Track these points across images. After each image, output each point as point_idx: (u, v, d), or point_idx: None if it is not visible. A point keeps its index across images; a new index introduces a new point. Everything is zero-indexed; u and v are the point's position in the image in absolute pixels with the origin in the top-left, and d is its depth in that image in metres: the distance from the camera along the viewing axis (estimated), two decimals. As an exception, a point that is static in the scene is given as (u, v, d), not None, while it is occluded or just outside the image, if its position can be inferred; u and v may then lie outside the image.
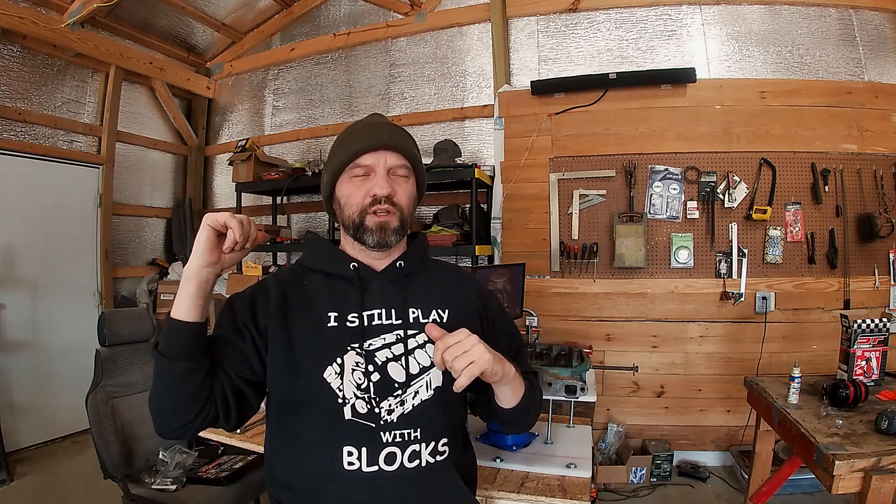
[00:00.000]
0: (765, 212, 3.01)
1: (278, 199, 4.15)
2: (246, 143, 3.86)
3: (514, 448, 1.66)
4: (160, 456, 2.03)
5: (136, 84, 4.28)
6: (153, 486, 1.93)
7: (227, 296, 3.85)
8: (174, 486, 1.93)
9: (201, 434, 1.62)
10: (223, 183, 4.72)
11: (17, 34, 3.29)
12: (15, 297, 3.35)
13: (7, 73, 3.39)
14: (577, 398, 1.62)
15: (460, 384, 0.87)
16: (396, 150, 0.99)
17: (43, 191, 3.54)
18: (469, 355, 0.86)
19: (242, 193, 3.87)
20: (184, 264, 4.41)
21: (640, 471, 2.97)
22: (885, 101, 3.10)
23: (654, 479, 2.98)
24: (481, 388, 1.10)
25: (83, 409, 2.00)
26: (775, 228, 3.06)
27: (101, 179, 3.91)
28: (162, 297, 4.09)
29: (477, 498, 1.43)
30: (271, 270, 3.65)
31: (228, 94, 4.74)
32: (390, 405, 0.94)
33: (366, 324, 0.98)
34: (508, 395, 1.01)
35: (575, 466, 1.53)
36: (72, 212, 3.74)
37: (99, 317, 2.17)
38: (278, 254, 4.12)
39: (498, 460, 1.59)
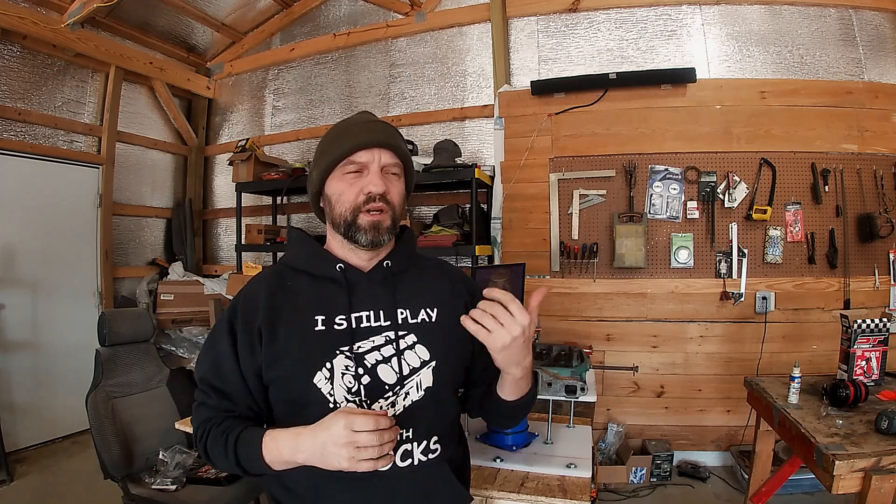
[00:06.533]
0: (765, 212, 3.01)
1: (278, 199, 4.15)
2: (246, 143, 3.85)
3: (514, 448, 1.66)
4: (160, 456, 2.03)
5: (136, 84, 4.28)
6: (153, 486, 1.94)
7: (227, 295, 3.87)
8: (174, 486, 1.93)
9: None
10: (223, 183, 4.72)
11: (17, 34, 3.29)
12: (15, 297, 3.35)
13: (7, 73, 3.39)
14: (577, 398, 1.62)
15: (468, 324, 0.86)
16: (391, 149, 0.99)
17: (43, 191, 3.54)
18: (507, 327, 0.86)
19: (242, 193, 3.86)
20: (184, 264, 4.31)
21: (640, 471, 2.97)
22: (885, 101, 3.10)
23: (654, 479, 2.98)
24: (471, 382, 1.10)
25: (83, 409, 2.00)
26: (775, 228, 3.06)
27: (101, 179, 3.91)
28: (162, 297, 4.08)
29: (477, 498, 1.43)
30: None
31: (228, 94, 4.74)
32: (381, 407, 0.94)
33: (354, 326, 0.97)
34: (513, 389, 0.98)
35: (575, 466, 1.53)
36: (72, 212, 3.74)
37: (99, 317, 2.18)
38: (278, 254, 4.12)
39: (498, 460, 1.59)
